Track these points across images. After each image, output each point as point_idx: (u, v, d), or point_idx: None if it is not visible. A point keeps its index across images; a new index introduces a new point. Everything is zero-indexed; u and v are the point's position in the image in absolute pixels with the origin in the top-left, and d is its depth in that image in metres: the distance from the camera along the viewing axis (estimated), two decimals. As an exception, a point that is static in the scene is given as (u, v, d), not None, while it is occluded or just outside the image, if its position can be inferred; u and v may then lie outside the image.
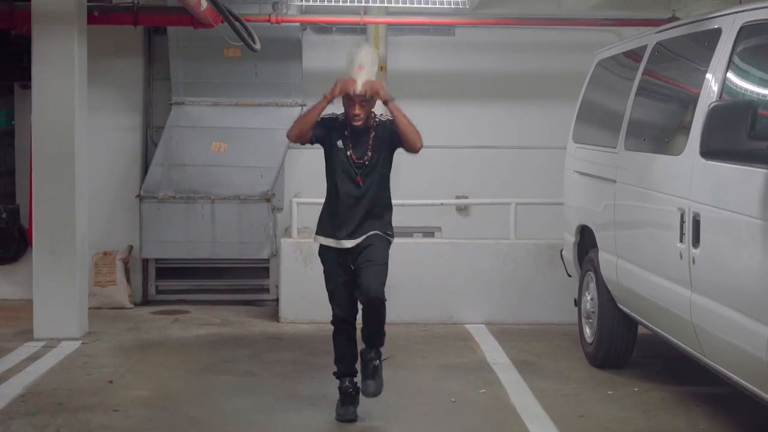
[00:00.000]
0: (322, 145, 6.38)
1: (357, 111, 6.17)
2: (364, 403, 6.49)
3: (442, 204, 10.51)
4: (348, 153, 6.25)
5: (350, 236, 6.29)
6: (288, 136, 6.37)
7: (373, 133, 6.28)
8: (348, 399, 6.44)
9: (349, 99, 6.18)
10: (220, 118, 10.52)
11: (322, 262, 6.47)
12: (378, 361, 6.44)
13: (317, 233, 6.45)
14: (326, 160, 6.39)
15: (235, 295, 10.62)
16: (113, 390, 7.12)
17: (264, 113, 10.47)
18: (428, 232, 10.99)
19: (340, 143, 6.26)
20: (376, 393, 6.39)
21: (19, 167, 10.65)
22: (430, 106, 11.08)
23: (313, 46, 10.95)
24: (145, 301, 10.56)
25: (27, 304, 9.17)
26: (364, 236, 6.28)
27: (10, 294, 10.55)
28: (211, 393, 7.08)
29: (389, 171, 6.43)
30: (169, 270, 10.70)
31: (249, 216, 10.19)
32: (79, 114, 8.69)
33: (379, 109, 6.51)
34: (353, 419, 6.37)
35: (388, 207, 6.45)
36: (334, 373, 6.54)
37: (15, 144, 10.71)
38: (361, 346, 6.46)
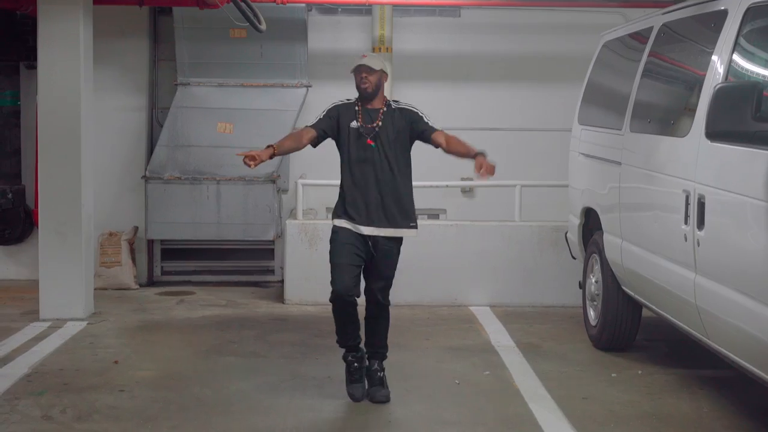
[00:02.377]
0: (331, 137, 6.47)
1: (364, 76, 6.35)
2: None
3: (447, 186, 10.50)
4: (358, 124, 6.36)
5: (369, 222, 6.34)
6: None
7: (384, 109, 6.41)
8: (355, 374, 6.47)
9: (356, 71, 6.37)
10: (225, 99, 10.52)
11: (334, 234, 6.41)
12: (383, 372, 6.53)
13: (334, 217, 6.47)
14: (340, 146, 6.47)
15: (241, 276, 10.65)
16: (119, 370, 7.15)
17: (269, 94, 10.47)
18: (433, 214, 10.99)
19: (353, 123, 6.38)
20: (386, 399, 6.43)
21: (25, 147, 10.67)
22: (435, 88, 11.11)
23: (319, 27, 10.95)
24: (151, 282, 10.60)
25: (33, 285, 9.21)
26: (384, 230, 6.36)
27: (15, 274, 10.60)
28: (216, 374, 7.11)
29: (407, 160, 6.51)
30: (174, 251, 10.73)
31: (254, 197, 10.20)
32: (84, 94, 8.70)
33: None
34: (361, 398, 6.41)
35: (409, 196, 6.52)
36: (337, 341, 6.55)
37: (21, 124, 10.71)
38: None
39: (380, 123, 6.36)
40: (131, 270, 10.30)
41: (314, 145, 6.53)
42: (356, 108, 6.43)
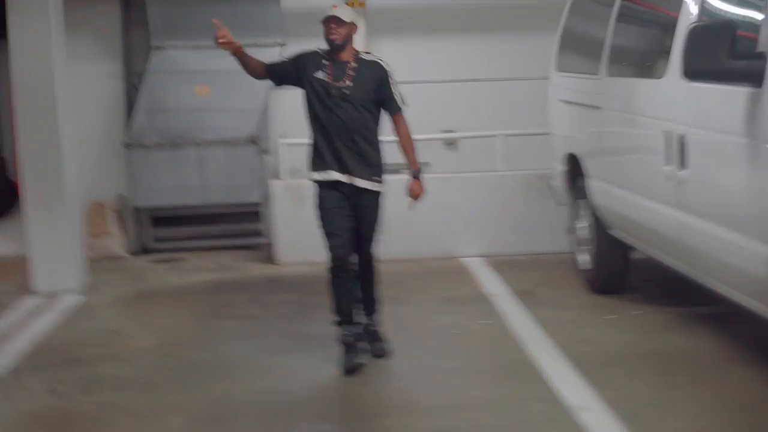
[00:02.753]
0: (295, 83, 6.37)
1: (332, 27, 6.21)
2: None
3: (428, 139, 10.49)
4: (326, 79, 6.22)
5: (340, 170, 6.25)
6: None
7: (354, 65, 6.27)
8: (351, 349, 6.35)
9: (325, 22, 6.23)
10: (201, 61, 10.44)
11: (320, 201, 6.35)
12: (378, 326, 6.55)
13: (309, 170, 6.39)
14: (306, 96, 6.34)
15: (231, 240, 10.56)
16: (119, 340, 7.18)
17: (244, 55, 10.38)
18: (417, 169, 10.97)
19: (319, 74, 6.24)
20: (384, 353, 6.47)
21: (2, 119, 10.53)
22: (411, 41, 11.07)
23: (291, -16, 10.85)
24: (142, 251, 10.50)
25: (23, 259, 9.15)
26: (356, 178, 6.26)
27: (3, 250, 10.49)
28: (215, 338, 7.16)
29: (376, 118, 6.36)
30: (164, 218, 10.62)
31: (237, 159, 10.17)
32: (57, 63, 8.54)
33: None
34: (360, 364, 6.32)
35: (376, 150, 6.37)
36: (333, 322, 6.46)
37: (-5, 96, 10.61)
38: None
39: (349, 83, 6.21)
40: (120, 239, 10.24)
41: (274, 81, 6.51)
42: (324, 60, 6.28)
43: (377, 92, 6.28)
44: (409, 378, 6.11)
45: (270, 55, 10.27)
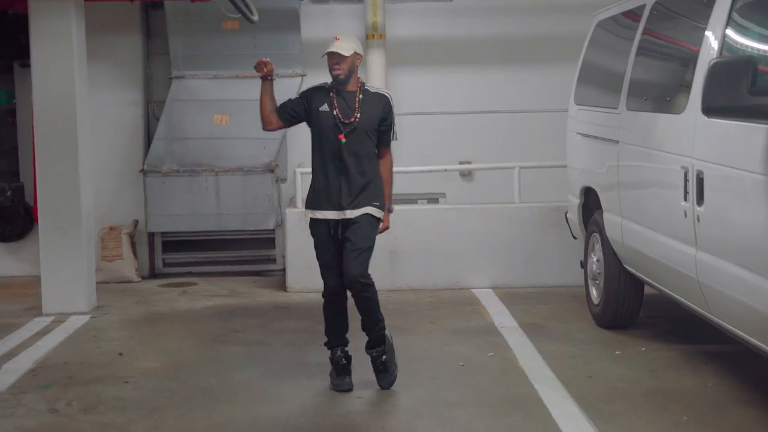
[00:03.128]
0: (304, 120, 6.39)
1: (334, 63, 6.23)
2: (373, 372, 6.54)
3: (445, 170, 10.51)
4: (334, 113, 6.24)
5: (339, 208, 6.27)
6: (264, 128, 6.50)
7: (361, 96, 6.31)
8: (341, 369, 6.44)
9: (328, 57, 6.25)
10: (220, 90, 10.53)
11: (312, 234, 6.42)
12: (384, 356, 6.45)
13: (306, 207, 6.44)
14: (312, 131, 6.38)
15: (242, 266, 10.66)
16: (123, 362, 7.17)
17: (265, 85, 10.44)
18: (432, 199, 10.99)
19: (324, 107, 6.26)
20: (391, 384, 6.45)
21: (22, 145, 10.67)
22: (430, 73, 11.13)
23: (311, 17, 10.94)
24: (153, 275, 10.62)
25: (34, 281, 9.24)
26: (355, 211, 6.27)
27: (17, 271, 10.62)
28: (220, 363, 7.14)
29: (374, 147, 6.39)
30: (175, 243, 10.74)
31: (253, 187, 10.21)
32: (79, 90, 8.71)
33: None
34: (349, 389, 6.38)
35: (377, 180, 6.38)
36: (325, 344, 6.54)
37: (17, 122, 10.71)
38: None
39: (357, 117, 6.24)
40: (133, 263, 10.32)
41: (288, 124, 6.50)
42: (330, 93, 6.31)
43: (380, 124, 6.35)
44: (414, 409, 6.04)
45: (291, 85, 10.40)
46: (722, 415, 5.82)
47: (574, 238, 8.78)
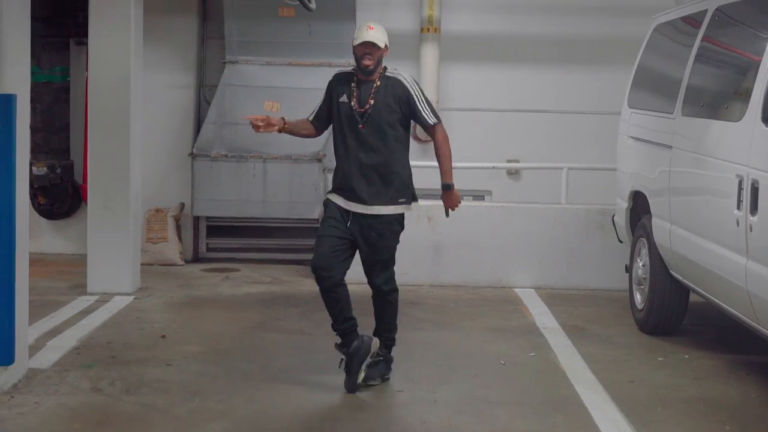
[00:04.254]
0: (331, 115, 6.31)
1: (366, 53, 6.08)
2: (413, 366, 6.58)
3: (493, 167, 10.46)
4: (351, 103, 6.14)
5: (360, 201, 6.16)
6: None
7: (378, 83, 6.15)
8: (350, 368, 6.23)
9: (363, 46, 6.10)
10: (273, 77, 10.55)
11: (325, 208, 6.27)
12: (378, 359, 6.35)
13: (330, 191, 6.34)
14: (333, 122, 6.29)
15: (285, 254, 10.67)
16: (166, 345, 7.22)
17: (317, 73, 10.44)
18: (479, 196, 10.96)
19: (344, 98, 6.16)
20: (350, 389, 6.22)
21: (74, 123, 10.74)
22: (483, 69, 11.09)
23: (368, 6, 10.91)
24: (196, 259, 10.66)
25: (80, 259, 9.31)
26: (375, 207, 6.16)
27: (63, 248, 10.71)
28: (262, 350, 7.17)
29: (402, 135, 6.27)
30: (219, 228, 10.80)
31: (300, 176, 10.23)
32: (134, 71, 8.75)
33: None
34: (351, 390, 6.21)
35: (401, 172, 6.25)
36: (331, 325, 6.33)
37: (70, 100, 10.79)
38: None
39: (371, 104, 6.10)
40: (177, 246, 10.37)
41: (325, 128, 6.43)
42: (352, 83, 6.18)
43: (401, 110, 6.18)
44: (453, 405, 6.03)
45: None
46: (766, 426, 5.76)
47: (620, 241, 8.72)
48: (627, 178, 8.40)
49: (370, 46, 6.09)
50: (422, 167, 7.26)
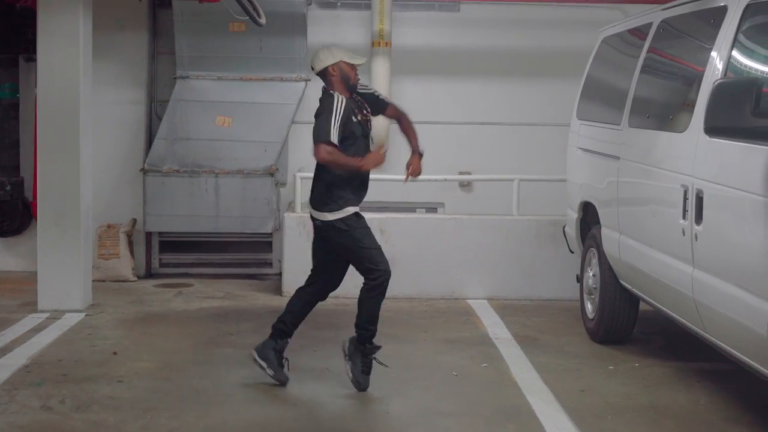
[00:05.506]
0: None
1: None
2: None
3: (445, 180, 10.52)
4: (359, 119, 6.49)
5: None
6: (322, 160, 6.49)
7: (359, 97, 6.61)
8: (370, 368, 6.59)
9: (352, 67, 6.53)
10: (224, 92, 10.53)
11: (357, 220, 6.52)
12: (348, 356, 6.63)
13: (345, 206, 6.48)
14: (347, 141, 6.41)
15: (239, 269, 10.66)
16: (117, 361, 7.17)
17: (268, 88, 10.48)
18: (431, 208, 10.99)
19: (354, 118, 6.44)
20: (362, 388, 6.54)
21: (24, 140, 10.66)
22: (434, 82, 11.16)
23: (318, 21, 10.95)
24: (149, 275, 10.61)
25: (31, 276, 9.23)
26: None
27: (13, 266, 10.62)
28: (214, 365, 7.13)
29: None
30: (172, 243, 10.75)
31: (253, 190, 10.21)
32: (83, 87, 8.70)
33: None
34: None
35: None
36: (365, 339, 6.57)
37: (19, 117, 10.71)
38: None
39: (365, 112, 6.57)
40: (129, 262, 10.31)
41: None
42: (351, 102, 6.48)
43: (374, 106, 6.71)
44: (406, 417, 6.05)
45: (295, 89, 10.42)
46: (714, 432, 5.84)
47: (571, 252, 8.80)
48: (577, 189, 8.47)
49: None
50: (373, 180, 7.29)
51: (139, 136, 10.77)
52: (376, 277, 6.40)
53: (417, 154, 6.67)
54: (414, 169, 6.63)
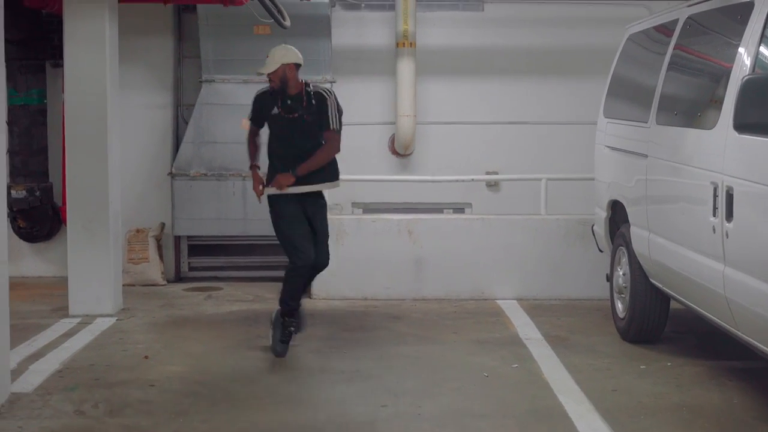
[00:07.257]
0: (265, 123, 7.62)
1: (269, 78, 7.53)
2: (397, 381, 6.63)
3: (472, 180, 10.50)
4: (278, 111, 7.46)
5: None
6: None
7: (305, 97, 7.45)
8: (287, 336, 7.42)
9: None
10: (250, 95, 10.43)
11: (277, 207, 7.51)
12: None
13: (267, 184, 7.51)
14: (270, 130, 7.60)
15: (267, 271, 10.66)
16: (149, 365, 7.20)
17: (293, 90, 10.47)
18: (459, 208, 11.01)
19: (274, 111, 7.46)
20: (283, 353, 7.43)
21: (52, 145, 10.72)
22: (459, 82, 11.15)
23: (342, 23, 10.97)
24: (178, 278, 10.66)
25: (61, 281, 9.29)
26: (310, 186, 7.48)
27: (44, 271, 10.69)
28: (245, 368, 7.16)
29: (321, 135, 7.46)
30: (201, 247, 10.79)
31: (280, 193, 10.21)
32: (111, 92, 8.76)
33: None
34: (284, 354, 7.35)
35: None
36: (286, 310, 7.43)
37: (47, 122, 10.77)
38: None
39: (297, 114, 7.38)
40: (159, 266, 10.36)
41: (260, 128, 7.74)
42: (278, 98, 7.44)
43: (321, 116, 7.40)
44: (437, 419, 6.04)
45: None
46: (749, 431, 5.79)
47: (600, 251, 8.76)
48: (605, 188, 8.44)
49: (269, 75, 7.49)
50: (400, 182, 7.34)
51: (166, 140, 10.82)
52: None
53: (292, 174, 7.36)
54: (278, 181, 7.42)
